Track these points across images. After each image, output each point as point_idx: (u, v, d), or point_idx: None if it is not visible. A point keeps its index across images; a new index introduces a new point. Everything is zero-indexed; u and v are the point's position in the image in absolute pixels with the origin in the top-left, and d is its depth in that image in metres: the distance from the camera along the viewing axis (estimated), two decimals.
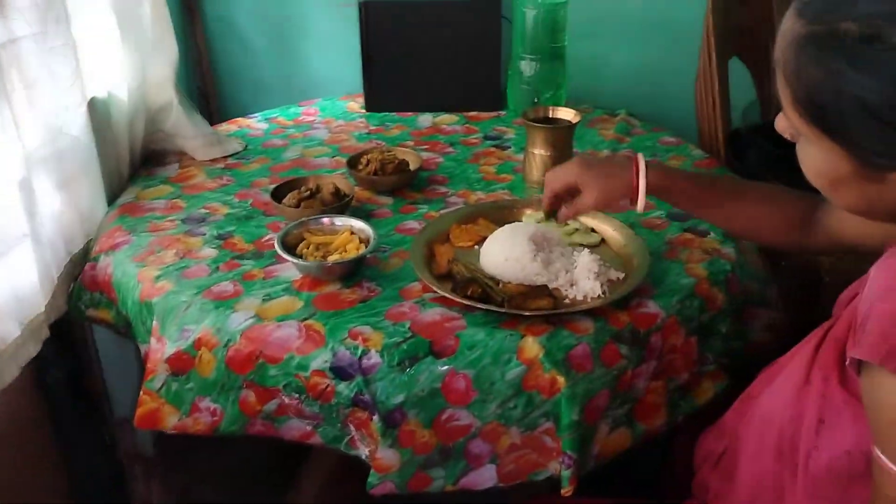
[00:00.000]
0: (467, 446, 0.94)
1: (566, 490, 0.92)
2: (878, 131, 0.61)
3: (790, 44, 0.65)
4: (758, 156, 1.59)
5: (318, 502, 1.37)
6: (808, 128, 0.67)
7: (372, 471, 0.93)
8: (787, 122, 0.71)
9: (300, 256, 1.06)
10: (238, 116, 1.69)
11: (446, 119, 1.66)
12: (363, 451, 0.97)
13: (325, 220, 1.12)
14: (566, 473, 0.92)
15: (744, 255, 1.15)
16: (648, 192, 0.97)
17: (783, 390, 0.80)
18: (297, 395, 0.96)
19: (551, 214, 1.07)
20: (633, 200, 0.98)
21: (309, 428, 0.99)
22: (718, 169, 1.41)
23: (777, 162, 1.54)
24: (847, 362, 0.68)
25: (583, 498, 0.95)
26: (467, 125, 1.63)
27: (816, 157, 0.69)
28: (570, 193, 1.02)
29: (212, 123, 1.70)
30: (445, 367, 0.92)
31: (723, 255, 1.12)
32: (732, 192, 0.99)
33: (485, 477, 0.95)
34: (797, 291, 1.43)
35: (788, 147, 0.76)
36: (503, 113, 1.69)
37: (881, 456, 0.64)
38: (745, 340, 1.15)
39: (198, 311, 1.01)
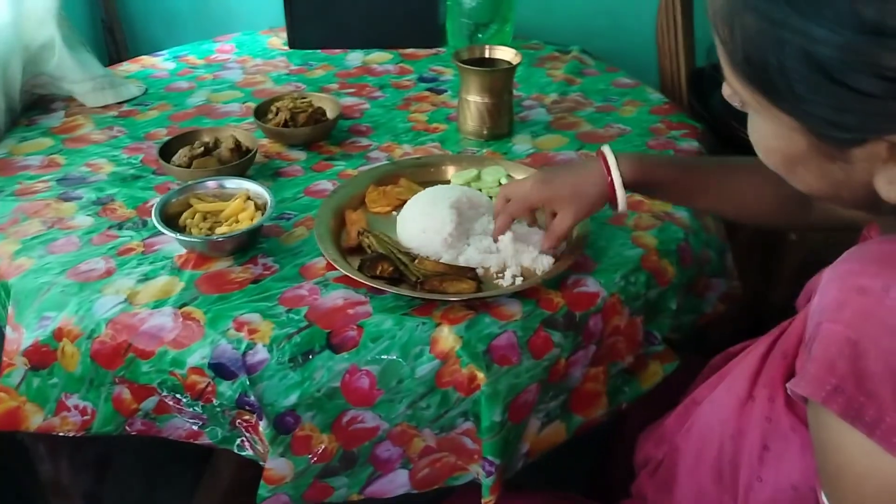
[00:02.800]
0: (374, 451, 0.82)
1: (487, 501, 0.81)
2: (831, 94, 0.48)
3: None
4: (722, 99, 1.45)
5: (240, 476, 1.26)
6: (750, 95, 0.53)
7: (262, 482, 0.81)
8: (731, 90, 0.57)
9: (183, 228, 0.91)
10: (149, 53, 1.50)
11: (378, 57, 1.49)
12: (257, 456, 0.84)
13: (211, 183, 0.96)
14: (487, 482, 0.81)
15: (699, 219, 1.02)
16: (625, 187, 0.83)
17: (724, 402, 0.68)
18: (175, 395, 0.82)
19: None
20: (613, 202, 0.84)
21: (195, 427, 0.86)
22: (675, 116, 1.26)
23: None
24: (789, 391, 0.55)
25: (513, 493, 0.84)
26: (401, 64, 1.46)
27: (765, 131, 0.55)
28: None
29: (119, 61, 1.52)
30: (345, 364, 0.79)
31: (675, 220, 0.99)
32: (717, 173, 0.86)
33: (396, 483, 0.84)
34: (758, 249, 1.32)
35: None
36: (442, 50, 1.52)
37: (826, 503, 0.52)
38: (697, 313, 1.04)
39: (59, 295, 0.86)
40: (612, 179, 0.83)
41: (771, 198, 0.84)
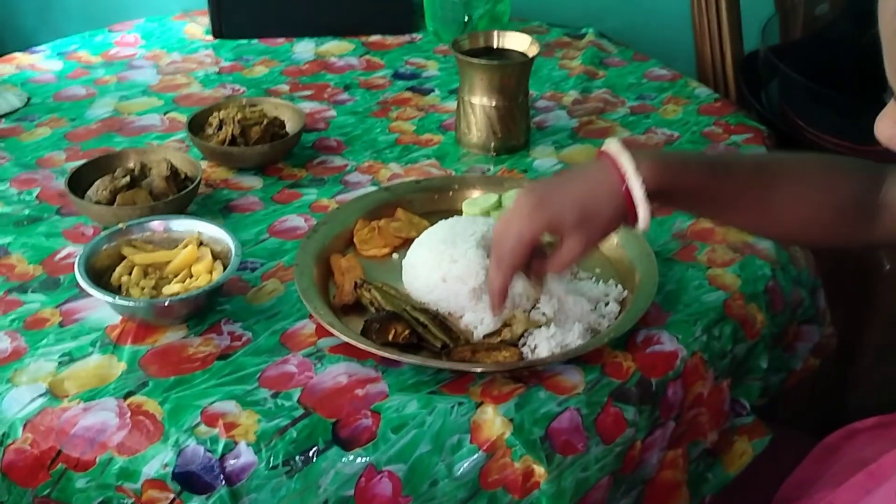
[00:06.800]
0: None
1: None
2: None
3: None
4: (783, 89, 1.51)
5: None
6: None
7: None
8: None
9: (118, 289, 0.90)
10: (17, 51, 1.50)
11: (336, 48, 1.53)
12: None
13: (157, 224, 0.96)
14: None
15: (786, 250, 1.05)
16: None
17: None
18: None
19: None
20: (632, 219, 0.83)
21: None
22: (733, 116, 1.30)
23: (810, 97, 1.46)
24: None
25: None
26: (367, 57, 1.50)
27: None
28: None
29: None
30: (360, 464, 0.79)
31: (759, 252, 1.03)
32: (757, 180, 0.86)
33: None
34: (846, 287, 1.36)
35: (826, 76, 0.64)
36: (418, 37, 1.57)
37: None
38: (787, 371, 1.07)
39: None
40: (627, 189, 0.81)
41: (822, 210, 0.86)
